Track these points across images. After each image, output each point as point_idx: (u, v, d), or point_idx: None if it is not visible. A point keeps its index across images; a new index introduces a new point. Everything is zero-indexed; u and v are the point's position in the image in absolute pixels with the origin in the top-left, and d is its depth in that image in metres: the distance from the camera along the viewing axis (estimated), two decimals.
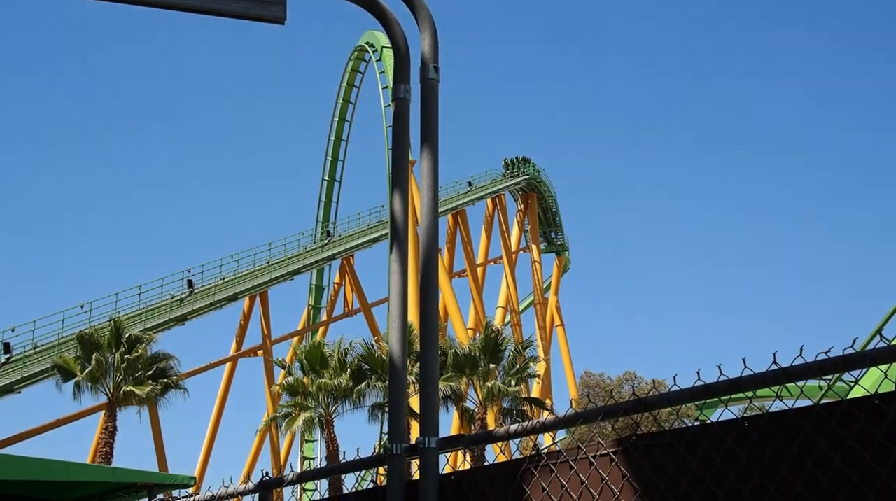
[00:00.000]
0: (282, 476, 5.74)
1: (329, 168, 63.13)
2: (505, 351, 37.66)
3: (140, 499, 6.82)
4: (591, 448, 4.20)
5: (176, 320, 43.12)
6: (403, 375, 5.13)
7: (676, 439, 3.90)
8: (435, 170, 5.31)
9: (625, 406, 4.17)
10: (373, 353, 37.99)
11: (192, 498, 6.15)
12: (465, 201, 58.30)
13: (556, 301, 65.81)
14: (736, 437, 3.68)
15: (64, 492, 7.04)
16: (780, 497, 3.50)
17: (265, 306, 50.61)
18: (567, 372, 62.98)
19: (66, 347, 37.62)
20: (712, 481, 3.71)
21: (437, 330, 5.17)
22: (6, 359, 37.29)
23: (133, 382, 35.38)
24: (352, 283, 56.17)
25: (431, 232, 5.23)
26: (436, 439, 4.77)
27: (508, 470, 4.52)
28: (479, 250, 60.27)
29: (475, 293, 55.49)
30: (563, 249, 70.66)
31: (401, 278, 5.27)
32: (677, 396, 3.94)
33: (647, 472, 3.95)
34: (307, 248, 53.19)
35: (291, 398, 38.27)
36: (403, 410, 5.07)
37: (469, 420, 36.74)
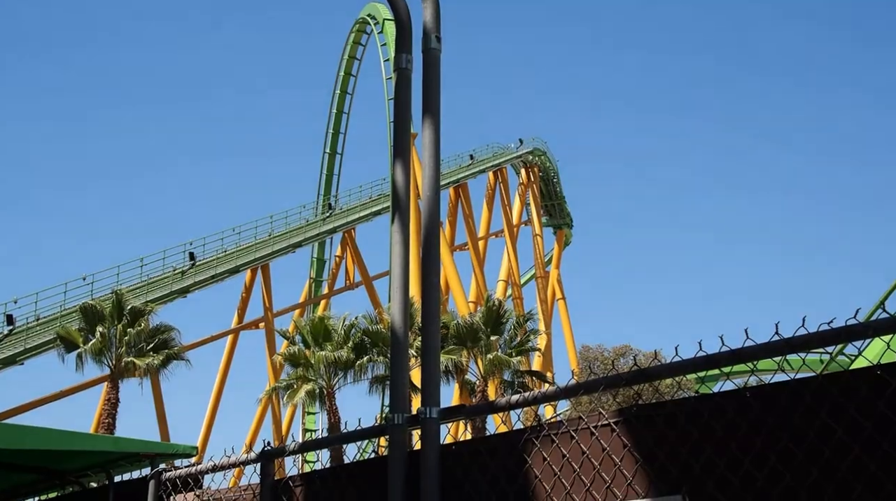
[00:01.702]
0: (284, 445, 5.75)
1: (330, 141, 63.01)
2: (506, 323, 37.70)
3: (143, 469, 6.84)
4: (593, 418, 4.20)
5: (178, 292, 43.16)
6: (405, 346, 5.12)
7: (678, 409, 3.90)
8: (437, 141, 5.29)
9: (626, 376, 4.16)
10: (375, 327, 38.04)
11: (194, 468, 6.17)
12: (467, 174, 58.21)
13: (558, 274, 65.84)
14: (737, 407, 3.68)
15: (67, 462, 7.07)
16: (781, 466, 3.51)
17: (266, 279, 50.63)
18: (568, 345, 63.07)
19: (68, 319, 37.66)
20: (714, 451, 3.71)
21: (440, 301, 5.16)
22: (9, 331, 37.36)
23: (135, 354, 35.46)
24: (353, 256, 56.15)
25: (433, 203, 5.21)
26: (437, 409, 4.77)
27: (510, 441, 4.52)
28: (480, 224, 60.23)
29: (476, 266, 55.51)
30: (565, 223, 70.60)
31: (402, 250, 5.26)
32: (679, 366, 3.93)
33: (648, 442, 3.95)
34: (308, 221, 53.14)
35: (293, 368, 38.34)
36: (405, 381, 5.07)
37: (470, 393, 36.82)
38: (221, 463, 5.94)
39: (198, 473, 6.17)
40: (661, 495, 3.83)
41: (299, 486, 5.51)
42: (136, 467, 6.97)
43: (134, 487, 6.68)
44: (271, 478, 5.63)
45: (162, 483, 6.37)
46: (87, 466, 7.18)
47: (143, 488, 6.45)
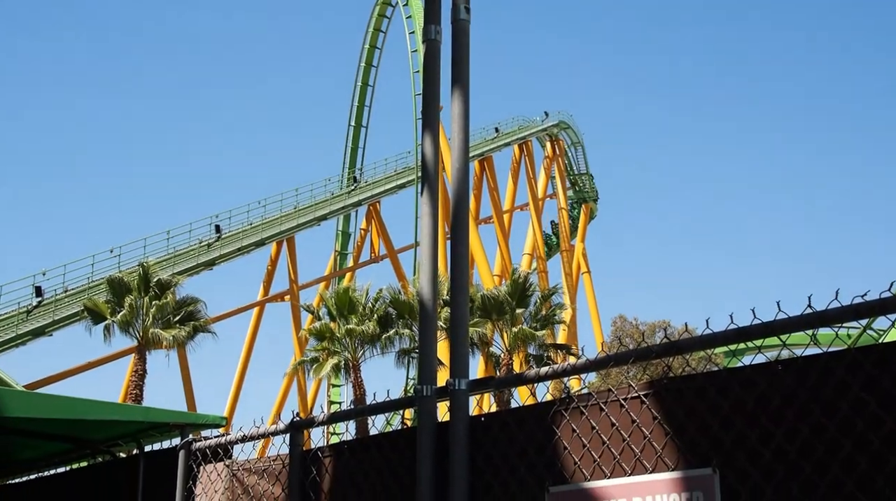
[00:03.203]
0: (312, 416, 5.77)
1: (355, 114, 62.89)
2: (532, 296, 37.68)
3: (172, 439, 6.89)
4: (622, 390, 4.19)
5: (204, 265, 43.37)
6: (434, 317, 5.12)
7: (709, 382, 3.88)
8: (466, 113, 5.27)
9: (656, 348, 4.15)
10: (400, 299, 38.10)
11: (224, 438, 6.21)
12: (492, 147, 58.06)
13: (583, 248, 65.67)
14: (769, 380, 3.67)
15: (98, 431, 7.12)
16: (813, 440, 3.49)
17: (292, 251, 50.77)
18: (593, 319, 62.98)
19: (95, 291, 37.93)
20: (745, 424, 3.70)
21: (468, 272, 5.15)
22: (38, 303, 37.65)
23: (162, 326, 35.69)
24: (378, 229, 56.19)
25: (462, 174, 5.19)
26: (466, 381, 4.77)
27: (539, 412, 4.51)
28: (505, 197, 60.11)
29: (501, 240, 55.46)
30: (591, 196, 70.37)
31: (431, 221, 5.25)
32: (710, 339, 3.92)
33: (678, 415, 3.94)
34: (334, 194, 53.18)
35: (318, 342, 38.49)
36: (433, 352, 5.07)
37: (495, 366, 36.87)
38: (251, 434, 5.97)
39: (227, 443, 6.21)
40: (692, 468, 3.82)
41: (328, 456, 5.53)
42: (165, 437, 7.02)
43: (164, 456, 6.74)
44: (300, 448, 5.65)
45: (192, 453, 6.42)
46: (117, 435, 7.23)
47: (173, 457, 6.50)
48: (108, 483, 7.12)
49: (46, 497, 7.97)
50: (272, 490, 5.84)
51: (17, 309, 37.11)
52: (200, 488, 6.33)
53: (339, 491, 5.39)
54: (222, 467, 6.20)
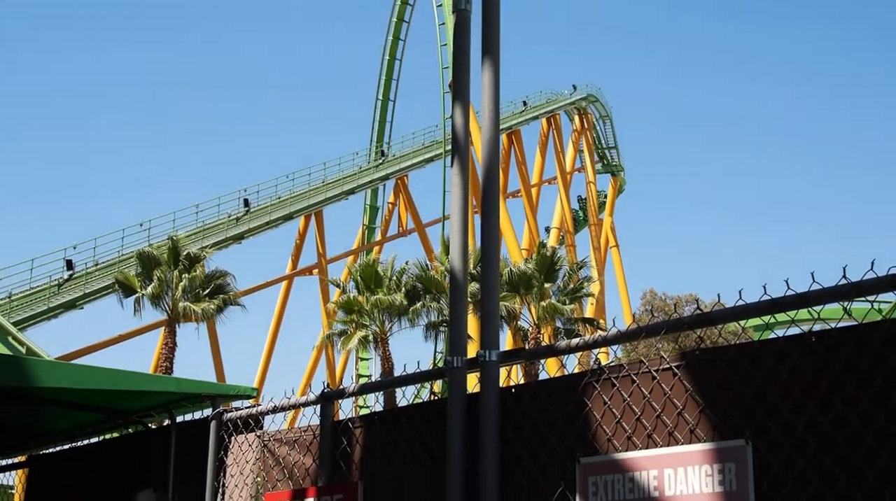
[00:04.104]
0: (343, 388, 5.79)
1: (383, 87, 62.75)
2: (560, 270, 37.63)
3: (203, 410, 6.94)
4: (654, 362, 4.18)
5: (233, 238, 43.57)
6: (464, 288, 5.12)
7: (741, 353, 3.86)
8: (496, 83, 5.24)
9: (688, 320, 4.13)
10: (427, 272, 38.16)
11: (255, 409, 6.24)
12: (520, 121, 57.86)
13: (611, 222, 65.46)
14: (803, 352, 3.64)
15: (131, 402, 7.18)
16: (847, 412, 3.47)
17: (320, 225, 50.89)
18: (621, 292, 62.91)
19: (126, 264, 38.18)
20: (777, 396, 3.68)
21: (498, 243, 5.14)
22: (69, 276, 37.93)
23: (191, 299, 35.90)
24: (406, 203, 56.21)
25: (492, 145, 5.18)
26: (496, 352, 4.77)
27: (569, 384, 4.51)
28: (533, 171, 59.96)
29: (529, 214, 55.37)
30: (619, 169, 70.10)
31: (462, 192, 5.24)
32: (743, 311, 3.89)
33: (710, 387, 3.93)
34: (361, 168, 53.22)
35: (346, 315, 38.62)
36: (464, 323, 5.07)
37: (523, 340, 36.88)
38: (282, 404, 6.00)
39: (258, 414, 6.24)
40: (724, 439, 3.81)
41: (359, 427, 5.56)
42: (197, 407, 7.07)
43: (196, 427, 6.79)
44: (331, 419, 5.68)
45: (223, 424, 6.46)
46: (150, 406, 7.29)
47: (204, 428, 6.55)
48: (141, 453, 7.19)
49: (80, 467, 8.06)
50: (303, 461, 5.88)
51: (48, 282, 37.40)
52: (232, 458, 6.38)
53: (370, 461, 5.42)
54: (253, 437, 6.24)
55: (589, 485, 4.19)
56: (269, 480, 6.12)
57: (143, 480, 6.98)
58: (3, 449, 9.08)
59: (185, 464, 6.78)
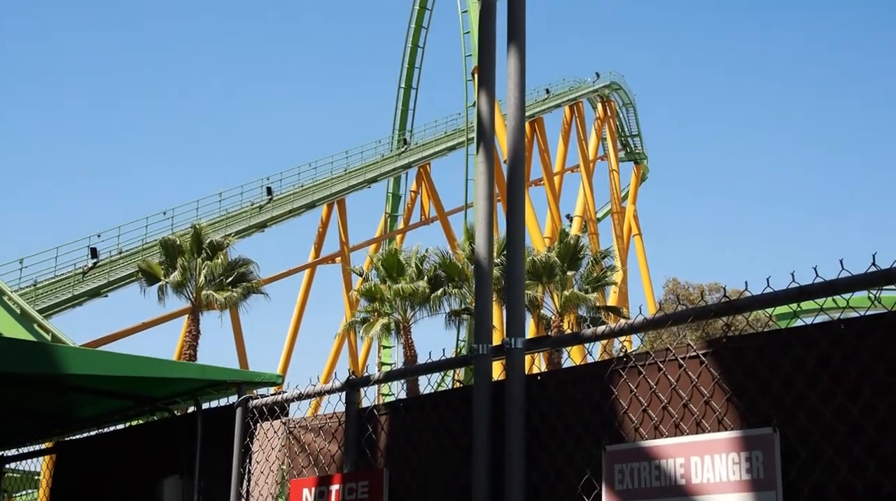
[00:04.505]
0: (368, 375, 5.80)
1: (406, 75, 62.67)
2: (583, 258, 37.57)
3: (229, 396, 6.97)
4: (681, 349, 4.17)
5: (255, 226, 43.70)
6: (489, 275, 5.12)
7: (769, 341, 3.85)
8: (522, 70, 5.22)
9: (715, 308, 4.11)
10: (450, 260, 38.17)
11: (280, 396, 6.26)
12: (543, 109, 57.70)
13: (634, 210, 65.26)
14: (831, 339, 3.63)
15: (157, 389, 7.22)
16: (876, 399, 3.45)
17: (343, 214, 50.96)
18: (644, 281, 62.75)
19: (149, 252, 38.36)
20: (806, 383, 3.67)
21: (524, 230, 5.13)
22: (93, 264, 38.14)
23: (214, 287, 36.04)
24: (428, 191, 56.20)
25: (518, 132, 5.16)
26: (522, 340, 4.76)
27: (595, 371, 4.50)
28: (556, 159, 59.81)
29: (552, 202, 55.25)
30: (642, 157, 69.85)
31: (487, 180, 5.23)
32: (770, 298, 3.87)
33: (737, 375, 3.91)
34: (384, 156, 53.23)
35: (369, 303, 38.69)
36: (489, 310, 5.07)
37: (546, 329, 36.85)
38: (307, 392, 6.01)
39: (284, 401, 6.26)
40: (751, 427, 3.80)
41: (384, 415, 5.57)
42: (222, 395, 7.09)
43: (221, 414, 6.81)
44: (356, 407, 5.69)
45: (249, 411, 6.48)
46: (175, 393, 7.32)
47: (230, 415, 6.57)
48: (167, 440, 7.23)
49: (106, 454, 8.11)
50: (328, 448, 5.89)
51: (73, 270, 37.63)
52: (257, 445, 6.41)
53: (395, 449, 5.43)
54: (279, 424, 6.27)
55: (615, 473, 4.18)
56: (294, 467, 6.14)
57: (169, 466, 7.02)
58: (31, 436, 9.16)
59: (210, 451, 6.81)
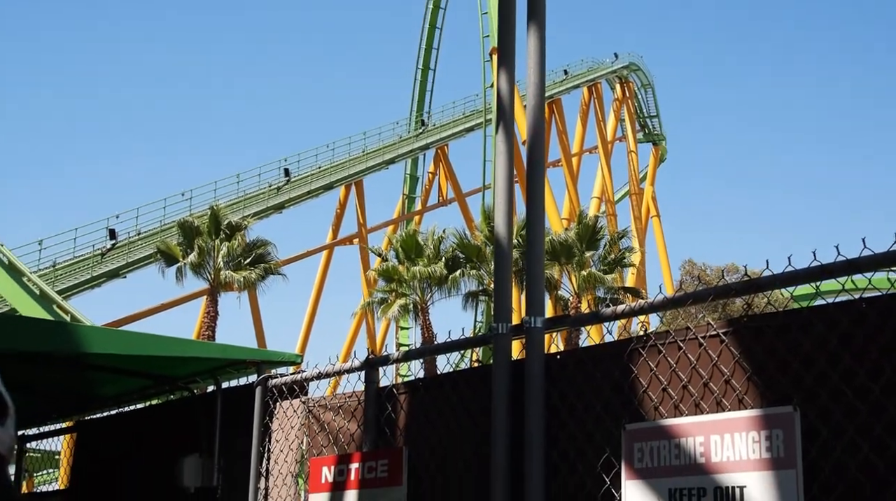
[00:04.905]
0: (387, 354, 5.81)
1: (423, 56, 62.48)
2: (601, 239, 37.50)
3: (248, 376, 6.99)
4: (701, 329, 4.16)
5: (273, 208, 43.74)
6: (509, 255, 5.11)
7: (790, 320, 3.83)
8: (542, 49, 5.20)
9: (736, 286, 4.11)
10: (467, 242, 38.17)
11: (300, 375, 6.28)
12: (561, 90, 57.45)
13: (653, 191, 65.02)
14: (853, 318, 3.61)
15: (177, 368, 7.25)
16: None
17: (360, 195, 50.95)
18: (662, 262, 62.52)
19: (168, 234, 38.47)
20: (827, 362, 3.65)
21: (544, 209, 5.12)
22: (112, 245, 38.26)
23: (232, 268, 36.15)
24: (446, 172, 56.11)
25: (538, 111, 5.15)
26: (541, 319, 4.76)
27: (615, 350, 4.50)
28: (574, 140, 59.60)
29: (570, 183, 55.09)
30: (660, 139, 69.55)
31: (507, 159, 5.22)
32: (791, 277, 3.86)
33: (758, 354, 3.91)
34: (402, 137, 53.14)
35: (387, 283, 38.74)
36: (509, 290, 5.07)
37: (564, 309, 36.83)
38: (327, 371, 6.03)
39: (303, 380, 6.28)
40: (772, 406, 3.79)
41: (403, 393, 5.58)
42: (242, 374, 7.12)
43: (241, 393, 6.84)
44: (375, 385, 5.70)
45: (268, 390, 6.51)
46: (195, 372, 7.35)
47: (250, 394, 6.60)
48: (187, 419, 7.26)
49: (127, 432, 8.16)
50: (348, 427, 5.91)
51: (92, 251, 37.76)
52: (277, 424, 6.43)
53: (414, 427, 5.44)
54: (298, 403, 6.29)
55: (635, 451, 4.19)
56: (313, 445, 6.17)
57: (189, 445, 7.05)
58: (51, 415, 9.22)
59: (230, 430, 6.84)
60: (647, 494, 4.10)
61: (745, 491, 3.76)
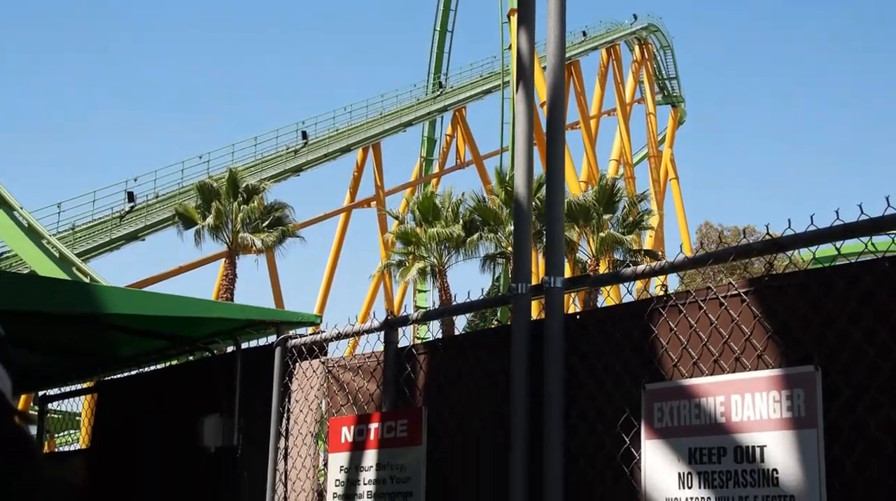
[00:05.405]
0: (406, 315, 5.82)
1: (441, 18, 62.13)
2: (619, 201, 37.40)
3: (268, 337, 7.01)
4: (722, 288, 4.14)
5: (291, 171, 43.78)
6: (529, 214, 5.09)
7: (812, 279, 3.81)
8: (562, 7, 5.15)
9: (757, 246, 4.08)
10: (485, 204, 38.13)
11: (319, 335, 6.29)
12: (580, 52, 57.10)
13: (671, 153, 64.76)
14: (876, 277, 3.58)
15: (196, 329, 7.28)
16: None
17: (378, 158, 50.93)
18: (681, 225, 62.41)
19: (185, 196, 38.56)
20: (849, 321, 3.63)
21: (564, 169, 5.09)
22: (130, 208, 38.39)
23: (250, 230, 36.24)
24: (464, 135, 56.00)
25: (558, 71, 5.11)
26: (561, 278, 4.74)
27: (635, 310, 4.48)
28: (592, 102, 59.31)
29: (588, 146, 54.88)
30: (679, 101, 69.16)
31: (526, 119, 5.19)
32: (814, 236, 3.83)
33: (779, 313, 3.88)
34: (419, 100, 53.02)
35: (404, 246, 38.80)
36: (528, 249, 5.05)
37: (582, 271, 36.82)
38: (346, 331, 6.04)
39: (322, 340, 6.29)
40: (793, 365, 3.78)
41: (422, 354, 5.58)
42: (261, 334, 7.14)
43: (261, 353, 6.86)
44: (395, 346, 5.71)
45: (288, 350, 6.52)
46: (214, 333, 7.37)
47: (269, 354, 6.61)
48: (206, 379, 7.28)
49: (147, 393, 8.20)
50: (367, 387, 5.93)
51: (110, 214, 37.90)
52: (296, 384, 6.46)
53: (434, 388, 5.45)
54: (318, 364, 6.30)
55: (654, 411, 4.18)
56: (333, 405, 6.19)
57: (209, 405, 7.07)
58: (72, 375, 9.27)
59: (250, 390, 6.86)
60: (667, 453, 4.09)
61: (766, 451, 3.76)
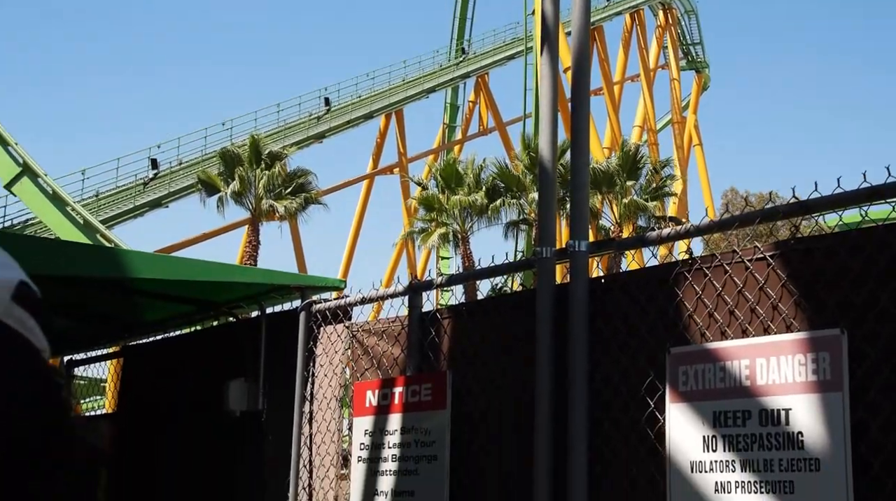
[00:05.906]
0: (430, 279, 5.82)
1: None
2: (643, 168, 37.25)
3: (292, 301, 7.03)
4: (747, 251, 4.12)
5: (314, 137, 43.77)
6: (553, 179, 5.08)
7: (838, 242, 3.79)
8: None
9: (783, 208, 4.06)
10: (508, 171, 38.06)
11: (344, 300, 6.31)
12: (603, 17, 56.63)
13: (695, 119, 64.34)
14: None
15: (221, 293, 7.32)
16: None
17: (401, 124, 50.86)
18: (704, 191, 62.12)
19: (209, 163, 38.63)
20: (876, 285, 3.61)
21: (588, 134, 5.07)
22: (154, 175, 38.50)
23: (274, 197, 36.32)
24: (486, 101, 55.81)
25: (583, 34, 5.08)
26: (586, 242, 4.74)
27: (660, 274, 4.48)
28: (616, 68, 58.93)
29: (611, 112, 54.56)
30: (703, 66, 68.60)
31: (551, 83, 5.16)
32: (841, 198, 3.81)
33: (805, 276, 3.87)
34: (442, 66, 52.82)
35: (427, 212, 38.81)
36: (553, 214, 5.04)
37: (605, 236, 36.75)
38: (370, 296, 6.06)
39: (347, 305, 6.31)
40: (819, 329, 3.76)
41: (447, 318, 5.60)
42: (285, 299, 7.16)
43: (285, 318, 6.89)
44: (419, 310, 5.72)
45: (312, 315, 6.55)
46: (239, 298, 7.41)
47: (294, 319, 6.64)
48: (231, 344, 7.33)
49: (173, 357, 8.26)
50: (391, 351, 5.95)
51: (134, 181, 38.02)
52: (321, 348, 6.48)
53: (458, 352, 5.47)
54: (342, 328, 6.33)
55: (679, 375, 4.18)
56: (357, 369, 6.22)
57: (234, 370, 7.12)
58: (98, 340, 9.35)
59: (274, 354, 6.90)
60: (692, 417, 4.10)
61: (791, 414, 3.75)
